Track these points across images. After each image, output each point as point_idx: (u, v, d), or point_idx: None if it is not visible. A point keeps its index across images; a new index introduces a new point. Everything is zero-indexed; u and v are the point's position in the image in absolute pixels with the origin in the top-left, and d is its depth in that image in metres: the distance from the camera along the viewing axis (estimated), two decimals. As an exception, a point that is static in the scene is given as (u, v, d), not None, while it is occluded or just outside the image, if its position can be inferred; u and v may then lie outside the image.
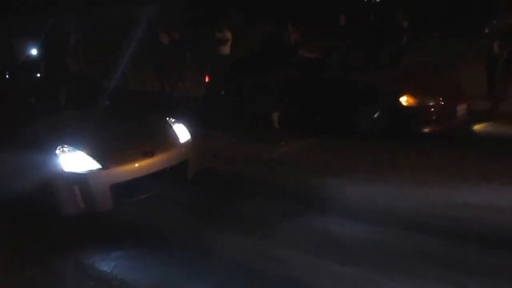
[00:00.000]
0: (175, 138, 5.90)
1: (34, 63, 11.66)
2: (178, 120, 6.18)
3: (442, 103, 7.71)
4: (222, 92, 9.53)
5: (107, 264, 4.46)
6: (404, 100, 7.60)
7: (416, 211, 5.10)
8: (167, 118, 6.18)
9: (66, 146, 5.17)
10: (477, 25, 10.95)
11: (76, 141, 5.25)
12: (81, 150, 5.19)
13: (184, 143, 5.93)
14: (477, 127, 8.35)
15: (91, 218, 5.23)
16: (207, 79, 10.20)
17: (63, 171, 5.08)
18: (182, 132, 6.01)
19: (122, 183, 5.26)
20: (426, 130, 7.60)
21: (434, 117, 7.65)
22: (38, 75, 9.51)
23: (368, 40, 10.13)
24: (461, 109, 7.94)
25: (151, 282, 4.10)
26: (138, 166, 5.35)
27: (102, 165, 5.16)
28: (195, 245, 4.76)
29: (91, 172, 5.13)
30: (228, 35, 12.29)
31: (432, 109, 7.65)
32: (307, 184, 6.15)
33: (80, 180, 5.10)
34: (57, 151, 5.12)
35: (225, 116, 8.86)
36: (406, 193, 5.62)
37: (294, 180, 6.39)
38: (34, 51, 13.32)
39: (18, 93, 6.66)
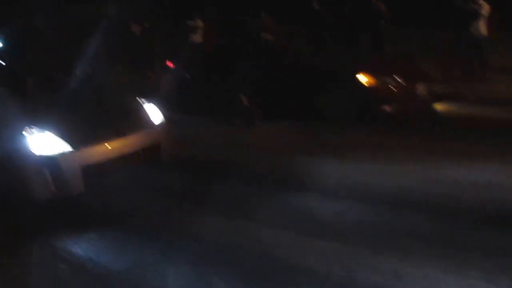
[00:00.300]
0: (148, 119, 5.74)
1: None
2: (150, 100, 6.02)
3: (401, 83, 7.84)
4: (188, 76, 9.52)
5: (80, 247, 4.31)
6: (364, 80, 7.77)
7: (397, 188, 5.09)
8: (139, 98, 6.00)
9: (34, 127, 4.97)
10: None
11: (45, 122, 5.04)
12: (50, 131, 4.99)
13: (158, 124, 5.77)
14: (438, 106, 8.48)
15: (63, 201, 5.05)
16: (171, 65, 10.18)
17: (31, 153, 4.88)
18: (155, 113, 5.85)
19: (94, 164, 5.09)
20: (387, 109, 7.71)
21: (394, 97, 7.79)
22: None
23: (344, 25, 10.23)
24: (421, 89, 8.07)
25: (126, 263, 3.98)
26: (109, 147, 5.18)
27: (72, 146, 4.97)
28: (171, 227, 4.64)
29: (61, 154, 4.93)
30: (200, 23, 12.33)
31: (392, 89, 7.79)
32: (283, 165, 6.10)
33: (49, 162, 4.90)
34: (25, 133, 4.92)
35: (195, 102, 8.81)
36: (384, 171, 5.60)
37: (269, 161, 6.32)
38: None
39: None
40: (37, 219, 4.97)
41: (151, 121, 5.74)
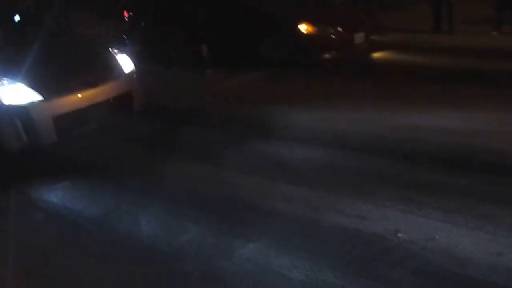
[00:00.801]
0: (119, 68, 5.75)
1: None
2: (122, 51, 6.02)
3: (340, 31, 8.26)
4: (142, 24, 9.89)
5: (55, 195, 4.41)
6: (303, 28, 8.09)
7: (362, 134, 5.23)
8: (110, 48, 5.99)
9: (4, 78, 4.96)
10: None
11: (15, 73, 5.02)
12: (21, 82, 4.98)
13: (129, 73, 5.79)
14: (376, 54, 9.00)
15: (35, 151, 5.11)
16: (126, 15, 10.30)
17: (2, 103, 4.89)
18: (126, 62, 5.85)
19: (66, 114, 5.12)
20: (327, 56, 8.08)
21: (332, 45, 8.18)
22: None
23: None
24: (359, 37, 8.49)
25: (101, 210, 4.08)
26: (81, 97, 5.20)
27: (43, 96, 4.99)
28: (144, 174, 4.75)
29: (32, 104, 4.95)
30: None
31: (330, 37, 8.21)
32: (252, 113, 6.19)
33: (21, 112, 4.92)
34: (-5, 83, 4.91)
35: (154, 51, 9.22)
36: (347, 117, 5.74)
37: (238, 109, 6.42)
38: None
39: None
40: (10, 168, 5.03)
41: (122, 70, 5.74)
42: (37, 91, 4.99)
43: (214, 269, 3.18)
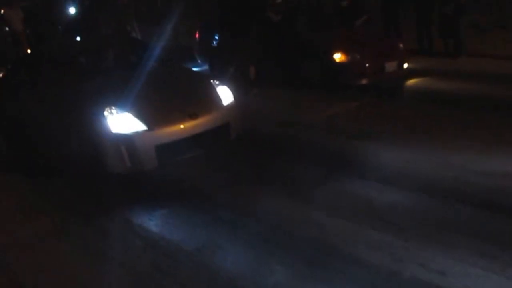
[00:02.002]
0: (219, 100, 6.00)
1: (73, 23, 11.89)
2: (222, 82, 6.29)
3: (371, 60, 8.99)
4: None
5: (155, 224, 4.68)
6: (337, 56, 8.94)
7: (452, 179, 5.10)
8: (212, 80, 6.28)
9: (114, 108, 5.34)
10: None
11: (123, 103, 5.41)
12: (128, 112, 5.36)
13: (227, 105, 6.03)
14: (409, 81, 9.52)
15: (137, 176, 5.46)
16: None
17: (111, 131, 5.27)
18: (225, 94, 6.11)
19: (167, 143, 5.43)
20: (364, 82, 8.87)
21: (363, 72, 8.90)
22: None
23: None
24: (390, 66, 9.16)
25: (195, 242, 4.28)
26: (182, 128, 5.50)
27: (147, 126, 5.33)
28: (237, 207, 4.92)
29: (137, 133, 5.31)
30: None
31: (361, 65, 8.91)
32: (344, 147, 6.24)
33: (126, 140, 5.29)
34: (105, 113, 5.30)
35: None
36: (436, 158, 5.63)
37: (330, 141, 6.55)
38: (72, 10, 13.46)
39: (69, 52, 6.86)
40: (115, 193, 5.39)
41: (221, 102, 6.00)
42: (142, 121, 5.34)
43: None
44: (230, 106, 6.05)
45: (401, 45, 9.72)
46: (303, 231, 4.36)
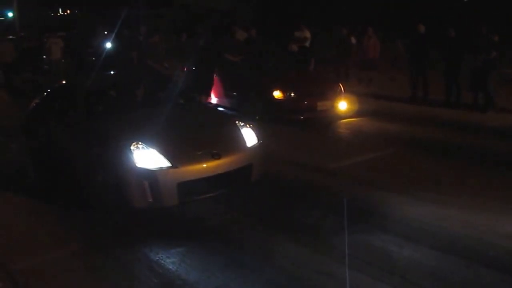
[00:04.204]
0: (242, 141, 6.09)
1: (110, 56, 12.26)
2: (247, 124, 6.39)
3: (304, 99, 10.28)
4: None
5: (172, 262, 4.70)
6: (276, 94, 10.29)
7: (474, 239, 5.04)
8: (236, 122, 6.38)
9: (140, 143, 5.47)
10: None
11: (150, 139, 5.54)
12: (154, 148, 5.48)
13: (251, 147, 6.11)
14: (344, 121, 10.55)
15: (157, 211, 5.54)
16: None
17: (135, 166, 5.38)
18: (249, 136, 6.20)
19: (189, 181, 5.52)
20: (300, 117, 10.14)
21: (296, 109, 10.18)
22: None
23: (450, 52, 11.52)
24: (323, 105, 10.38)
25: (211, 285, 4.31)
26: (205, 167, 5.59)
27: (171, 163, 5.43)
28: (254, 251, 4.94)
29: (161, 170, 5.40)
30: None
31: (295, 103, 10.23)
32: (367, 198, 6.21)
33: (150, 176, 5.39)
34: (132, 147, 5.42)
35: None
36: (461, 216, 5.57)
37: (351, 191, 6.46)
38: (109, 45, 13.91)
39: (102, 85, 7.08)
40: (135, 226, 5.48)
41: (245, 144, 6.09)
42: (167, 158, 5.44)
43: None
44: (253, 147, 6.13)
45: (340, 87, 10.87)
46: (318, 282, 4.35)
